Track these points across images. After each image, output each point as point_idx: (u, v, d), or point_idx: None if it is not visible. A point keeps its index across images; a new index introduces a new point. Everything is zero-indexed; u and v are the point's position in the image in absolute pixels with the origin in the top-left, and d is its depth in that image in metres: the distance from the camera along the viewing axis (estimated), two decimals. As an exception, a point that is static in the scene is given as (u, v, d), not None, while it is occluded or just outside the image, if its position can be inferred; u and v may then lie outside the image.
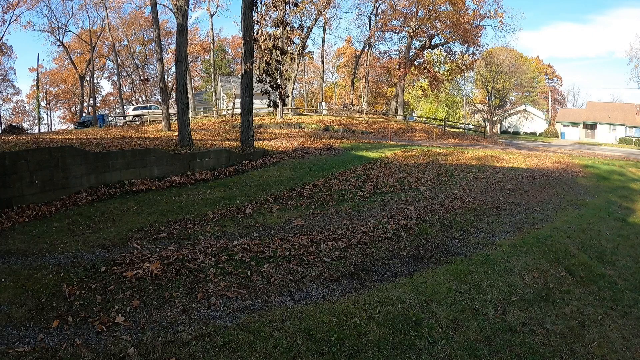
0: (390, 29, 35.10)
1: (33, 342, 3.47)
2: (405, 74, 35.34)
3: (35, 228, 7.07)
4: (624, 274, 5.19)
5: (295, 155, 15.21)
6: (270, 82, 14.33)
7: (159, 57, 20.95)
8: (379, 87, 52.35)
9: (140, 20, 41.67)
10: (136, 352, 3.25)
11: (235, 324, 3.72)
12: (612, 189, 11.11)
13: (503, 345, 3.51)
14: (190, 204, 8.65)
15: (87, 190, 9.36)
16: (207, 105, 43.93)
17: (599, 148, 28.77)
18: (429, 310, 3.99)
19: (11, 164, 8.17)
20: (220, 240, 6.11)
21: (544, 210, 8.22)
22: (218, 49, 49.09)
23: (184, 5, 13.95)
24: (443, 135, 26.91)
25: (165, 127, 19.72)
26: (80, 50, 41.53)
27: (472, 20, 32.49)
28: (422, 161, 14.79)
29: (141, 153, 10.93)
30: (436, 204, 8.44)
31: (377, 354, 3.33)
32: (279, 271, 4.95)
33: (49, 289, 4.44)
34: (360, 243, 5.95)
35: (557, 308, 4.19)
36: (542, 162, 15.49)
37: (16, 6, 29.88)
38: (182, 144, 13.77)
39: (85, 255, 5.62)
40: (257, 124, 22.23)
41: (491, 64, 45.43)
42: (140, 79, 48.88)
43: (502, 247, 5.82)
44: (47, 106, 51.55)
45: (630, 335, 3.80)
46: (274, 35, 13.94)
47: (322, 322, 3.71)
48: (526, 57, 56.83)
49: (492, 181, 11.18)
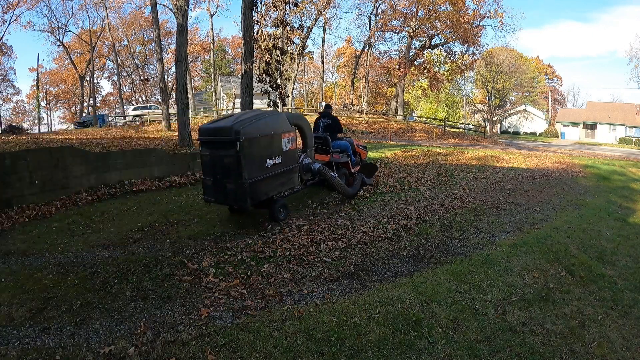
0: (390, 29, 35.12)
1: (33, 342, 3.47)
2: (405, 74, 35.35)
3: (35, 228, 7.07)
4: (624, 274, 5.19)
5: (295, 155, 15.17)
6: (270, 82, 14.35)
7: (159, 57, 20.97)
8: (379, 87, 52.36)
9: (140, 20, 41.68)
10: (136, 352, 3.25)
11: (235, 324, 3.72)
12: (612, 189, 11.10)
13: (503, 345, 3.51)
14: (191, 204, 8.65)
15: (87, 190, 9.36)
16: (207, 105, 43.94)
17: (599, 148, 28.77)
18: (429, 310, 3.99)
19: (11, 164, 8.17)
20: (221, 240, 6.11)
21: (544, 210, 8.21)
22: (218, 49, 49.09)
23: (184, 5, 13.95)
24: (443, 135, 26.92)
25: (165, 127, 19.73)
26: (80, 50, 41.54)
27: (472, 20, 32.49)
28: (422, 161, 14.79)
29: (141, 153, 10.93)
30: (436, 203, 8.44)
31: (377, 354, 3.33)
32: (279, 271, 4.95)
33: (49, 289, 4.44)
34: (360, 243, 5.95)
35: (557, 308, 4.19)
36: (542, 162, 15.48)
37: (16, 6, 29.91)
38: (182, 144, 13.78)
39: (85, 255, 5.62)
40: (257, 124, 22.17)
41: (491, 64, 45.45)
42: (140, 79, 48.90)
43: (502, 247, 5.82)
44: (47, 106, 51.56)
45: (630, 335, 3.80)
46: (274, 35, 13.96)
47: (322, 322, 3.71)
48: (526, 57, 56.85)
49: (492, 181, 11.18)
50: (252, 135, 6.15)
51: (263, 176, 6.41)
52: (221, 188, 6.36)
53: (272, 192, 6.73)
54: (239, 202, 6.29)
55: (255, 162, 6.26)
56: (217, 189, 6.46)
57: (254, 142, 6.21)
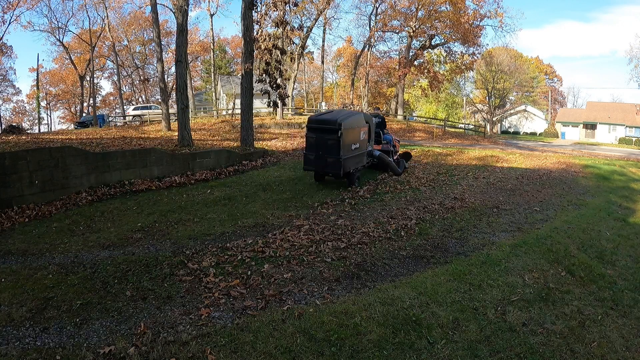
0: (390, 29, 35.06)
1: (33, 342, 3.47)
2: (405, 74, 35.32)
3: (35, 228, 7.07)
4: (624, 274, 5.19)
5: (295, 155, 15.20)
6: (270, 82, 14.35)
7: (159, 57, 20.93)
8: (379, 87, 52.29)
9: (140, 20, 41.62)
10: (136, 352, 3.24)
11: (235, 324, 3.72)
12: (612, 189, 11.10)
13: (503, 345, 3.51)
14: (191, 204, 8.65)
15: (87, 190, 9.36)
16: (207, 105, 43.90)
17: (599, 148, 28.77)
18: (429, 310, 3.99)
19: (11, 164, 8.17)
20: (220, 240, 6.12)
21: (544, 210, 8.21)
22: (218, 49, 49.07)
23: (184, 5, 13.94)
24: (443, 135, 26.91)
25: (165, 127, 19.71)
26: (80, 50, 41.48)
27: (472, 20, 32.44)
28: (422, 161, 14.79)
29: (141, 153, 10.93)
30: (436, 204, 8.44)
31: (377, 354, 3.32)
32: (279, 271, 4.95)
33: (49, 289, 4.44)
34: (360, 243, 5.95)
35: (557, 308, 4.19)
36: (542, 162, 15.48)
37: (16, 6, 29.84)
38: (182, 144, 13.77)
39: (85, 255, 5.62)
40: (257, 124, 22.21)
41: (491, 64, 45.39)
42: (140, 79, 48.85)
43: (502, 247, 5.82)
44: (47, 106, 51.50)
45: (630, 335, 3.80)
46: (274, 35, 13.96)
47: (322, 322, 3.71)
48: (526, 57, 56.80)
49: (492, 181, 11.18)
50: (347, 127, 9.34)
51: (350, 155, 9.57)
52: (322, 161, 9.50)
53: (353, 167, 9.82)
54: (335, 171, 9.45)
55: (347, 145, 9.42)
56: (318, 161, 9.59)
57: (348, 132, 9.41)
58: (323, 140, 9.33)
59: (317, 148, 9.47)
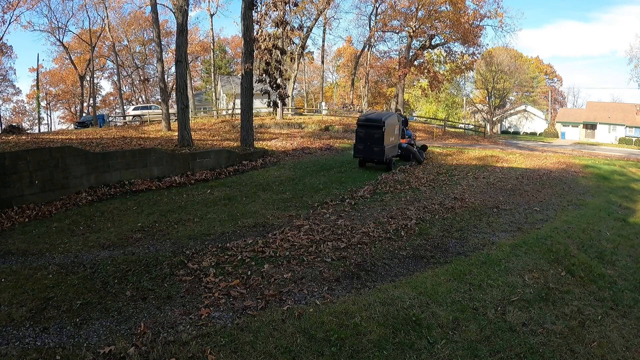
0: (390, 29, 35.04)
1: (33, 342, 3.47)
2: (405, 74, 35.28)
3: (35, 228, 7.07)
4: (624, 274, 5.19)
5: (295, 155, 15.21)
6: (270, 82, 14.35)
7: (159, 57, 20.93)
8: (379, 87, 52.28)
9: (140, 20, 41.61)
10: (136, 352, 3.24)
11: (235, 324, 3.72)
12: (612, 189, 11.10)
13: (503, 345, 3.51)
14: (191, 204, 8.65)
15: (87, 190, 9.36)
16: (207, 105, 43.88)
17: (599, 148, 28.76)
18: (429, 310, 3.99)
19: (11, 164, 8.16)
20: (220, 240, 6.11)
21: (544, 210, 8.21)
22: (218, 49, 49.05)
23: (184, 5, 13.94)
24: (443, 135, 26.91)
25: (165, 127, 19.70)
26: (80, 50, 41.47)
27: (472, 20, 32.41)
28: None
29: (141, 153, 10.92)
30: (436, 204, 8.44)
31: (377, 354, 3.32)
32: (279, 271, 4.95)
33: (49, 289, 4.44)
34: (360, 243, 5.95)
35: (557, 308, 4.19)
36: (542, 162, 15.48)
37: (16, 6, 29.82)
38: (182, 144, 13.76)
39: (85, 255, 5.62)
40: (257, 124, 22.21)
41: (491, 64, 45.37)
42: (140, 79, 48.83)
43: (502, 247, 5.82)
44: (47, 106, 51.50)
45: (630, 335, 3.80)
46: (274, 35, 13.96)
47: (322, 322, 3.71)
48: (526, 57, 56.78)
49: (492, 181, 11.18)
50: (388, 124, 12.30)
51: (389, 146, 12.34)
52: (369, 150, 12.22)
53: (390, 156, 12.55)
54: (379, 157, 12.16)
55: (387, 138, 12.22)
56: (366, 151, 12.30)
57: (389, 128, 12.29)
58: (370, 134, 12.09)
59: (365, 140, 12.23)
